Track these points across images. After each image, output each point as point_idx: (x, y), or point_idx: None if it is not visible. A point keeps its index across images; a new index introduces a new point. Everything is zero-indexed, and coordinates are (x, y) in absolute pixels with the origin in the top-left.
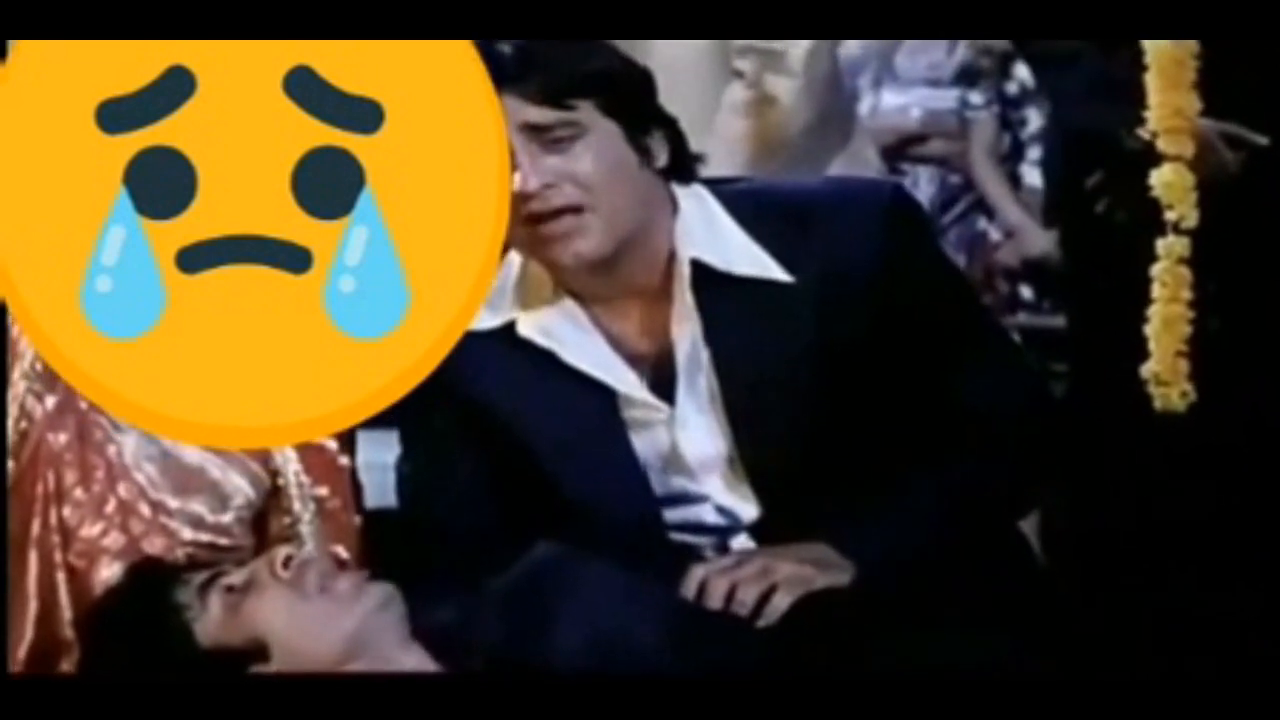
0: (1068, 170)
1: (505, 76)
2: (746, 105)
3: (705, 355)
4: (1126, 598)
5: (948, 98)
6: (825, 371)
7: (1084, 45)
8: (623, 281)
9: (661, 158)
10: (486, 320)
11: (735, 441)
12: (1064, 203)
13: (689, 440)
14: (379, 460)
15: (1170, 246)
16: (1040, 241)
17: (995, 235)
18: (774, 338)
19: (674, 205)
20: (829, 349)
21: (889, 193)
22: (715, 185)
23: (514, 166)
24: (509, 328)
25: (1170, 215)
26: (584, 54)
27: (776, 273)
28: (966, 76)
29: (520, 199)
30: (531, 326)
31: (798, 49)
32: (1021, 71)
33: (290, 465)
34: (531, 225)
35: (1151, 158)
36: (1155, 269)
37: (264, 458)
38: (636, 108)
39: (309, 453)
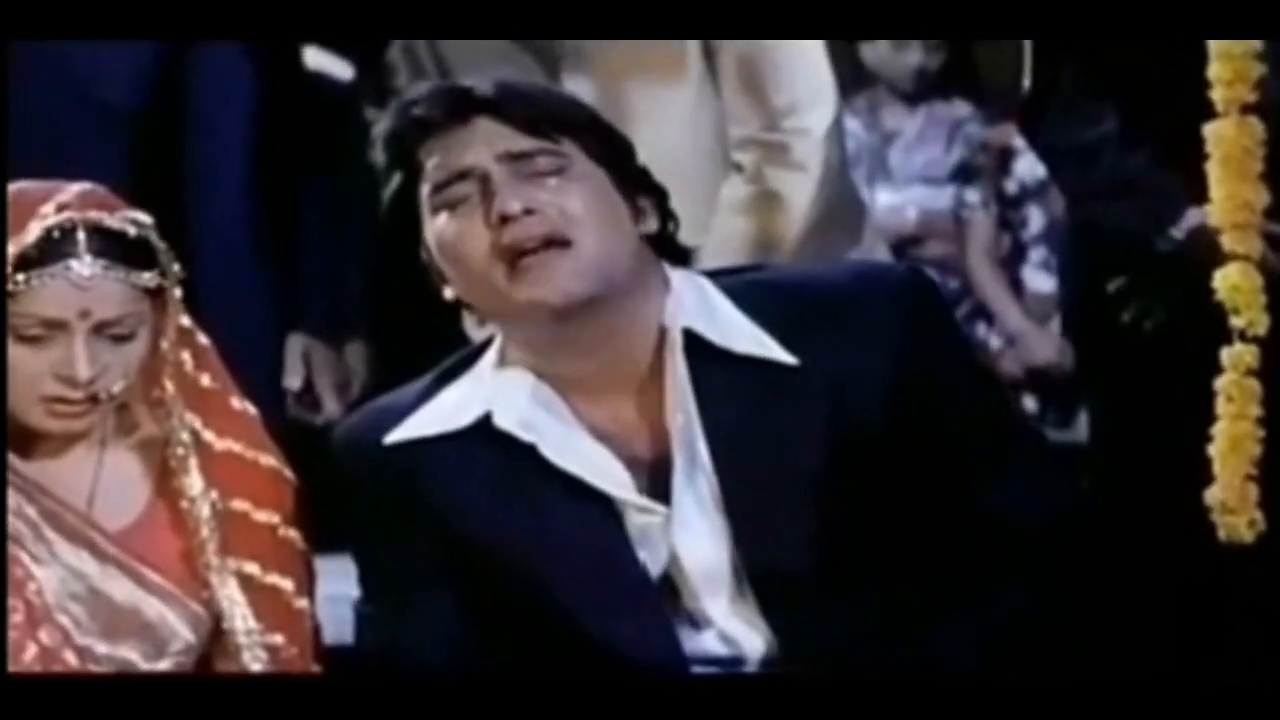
0: (1088, 274)
1: (481, 104)
2: (747, 202)
3: (703, 445)
4: None
5: (944, 196)
6: (838, 472)
7: (1103, 138)
8: (609, 359)
9: (651, 223)
10: (459, 417)
11: (739, 550)
12: (1083, 310)
13: (690, 546)
14: (339, 592)
15: (1238, 356)
16: (1045, 349)
17: (996, 342)
18: (780, 429)
19: (666, 281)
20: (842, 446)
21: (907, 277)
22: (714, 275)
23: (491, 192)
24: (484, 422)
25: (1237, 321)
26: (565, 100)
27: (779, 353)
28: (963, 174)
29: (499, 226)
30: (510, 418)
31: (802, 140)
32: (1021, 168)
33: (237, 609)
34: (509, 260)
35: (1195, 258)
36: (1220, 382)
37: (206, 599)
38: (623, 161)
39: (259, 594)
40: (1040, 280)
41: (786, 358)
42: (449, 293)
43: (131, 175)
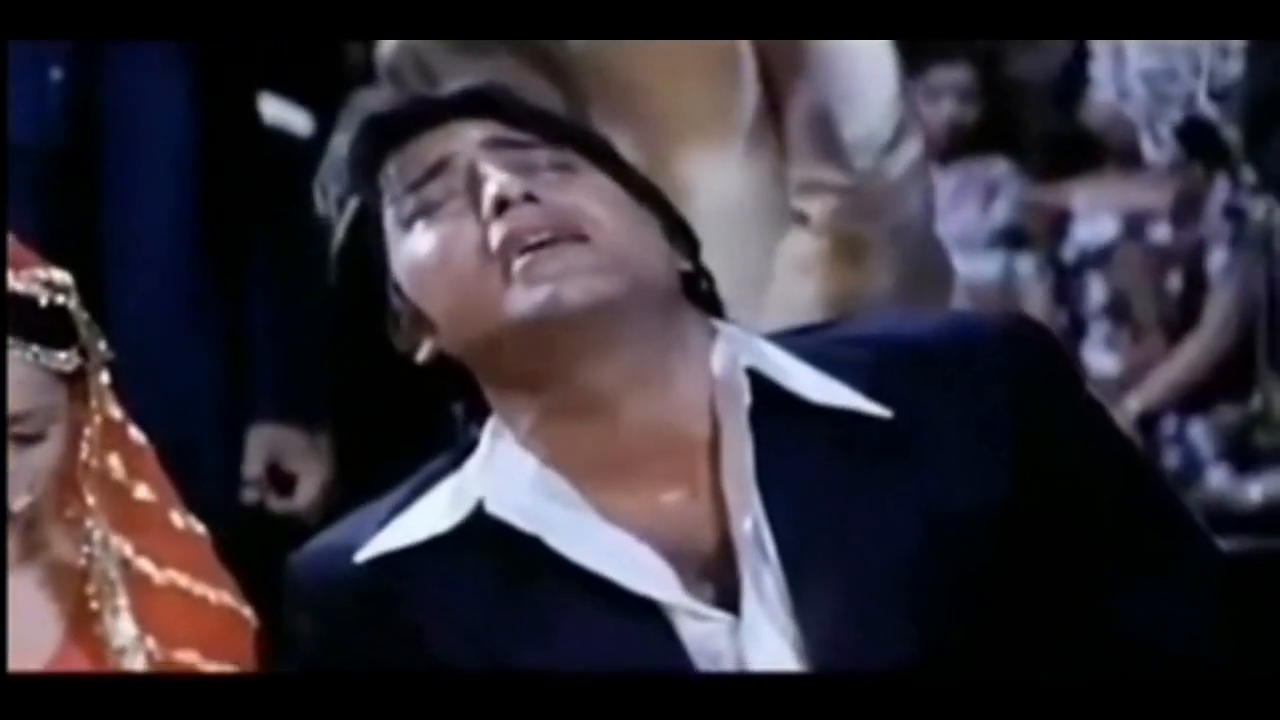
0: None
1: (459, 104)
2: (816, 258)
3: (768, 530)
4: None
5: (987, 265)
6: (934, 562)
7: None
8: (645, 427)
9: (684, 261)
10: (447, 518)
11: (813, 664)
12: None
13: (762, 661)
14: None
15: None
16: None
17: None
18: (864, 506)
19: (712, 332)
20: (940, 527)
21: (1014, 324)
22: (774, 337)
23: (481, 177)
24: (477, 516)
25: None
26: (563, 116)
27: (864, 405)
28: (1010, 239)
29: (492, 218)
30: (505, 504)
31: (878, 182)
32: (1081, 233)
33: None
34: (507, 260)
35: None
36: None
37: None
38: (639, 184)
39: None
40: (1103, 360)
41: (874, 409)
42: (425, 350)
43: (39, 229)
